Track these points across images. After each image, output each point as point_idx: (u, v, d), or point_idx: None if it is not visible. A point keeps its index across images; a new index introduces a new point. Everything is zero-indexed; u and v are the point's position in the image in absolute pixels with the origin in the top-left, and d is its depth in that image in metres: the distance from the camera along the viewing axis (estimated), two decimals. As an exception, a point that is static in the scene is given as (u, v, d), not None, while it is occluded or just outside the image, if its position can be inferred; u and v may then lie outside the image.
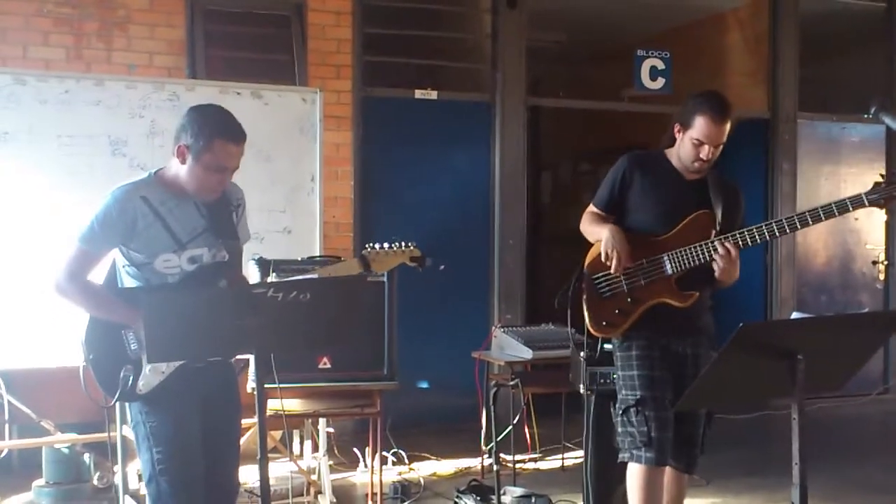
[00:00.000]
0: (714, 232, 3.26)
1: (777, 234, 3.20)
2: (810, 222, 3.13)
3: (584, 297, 3.46)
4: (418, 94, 6.50)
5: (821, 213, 3.09)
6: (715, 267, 3.22)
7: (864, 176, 7.84)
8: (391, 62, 6.54)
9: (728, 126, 3.29)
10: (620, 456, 3.41)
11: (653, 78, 7.07)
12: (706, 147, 3.27)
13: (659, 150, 3.47)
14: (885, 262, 7.84)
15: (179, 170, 2.92)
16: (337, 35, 6.18)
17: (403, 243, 3.36)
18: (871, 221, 7.91)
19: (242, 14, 6.05)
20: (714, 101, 3.30)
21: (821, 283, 7.83)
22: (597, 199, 3.53)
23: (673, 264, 3.29)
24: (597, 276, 3.44)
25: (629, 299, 3.36)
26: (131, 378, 2.85)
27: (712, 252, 3.22)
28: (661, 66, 7.09)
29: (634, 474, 3.37)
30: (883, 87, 7.80)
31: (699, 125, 3.26)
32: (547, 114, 8.59)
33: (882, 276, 7.86)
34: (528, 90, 6.87)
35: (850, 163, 7.86)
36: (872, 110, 2.94)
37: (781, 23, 7.51)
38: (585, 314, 3.46)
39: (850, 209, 3.06)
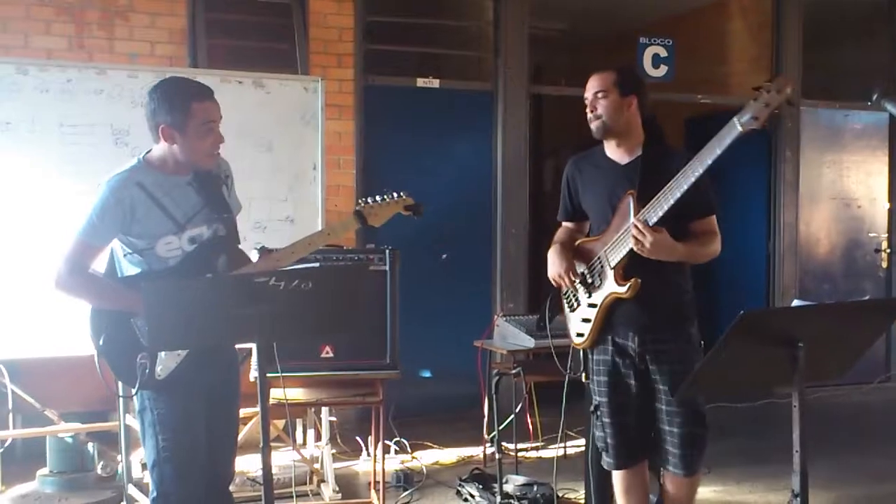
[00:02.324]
0: (638, 210, 3.08)
1: (677, 195, 2.94)
2: (700, 170, 2.91)
3: (564, 314, 3.47)
4: (420, 82, 6.49)
5: (705, 156, 2.89)
6: (636, 248, 3.04)
7: (868, 164, 7.85)
8: (393, 50, 6.53)
9: (600, 77, 3.23)
10: None
11: (655, 65, 7.05)
12: (588, 103, 3.26)
13: (598, 146, 3.39)
14: (888, 251, 7.83)
15: (171, 150, 2.91)
16: (338, 23, 6.17)
17: (396, 193, 3.29)
18: (875, 209, 7.90)
19: (244, 2, 6.03)
20: None
21: (824, 272, 7.82)
22: (558, 213, 3.54)
23: (611, 257, 3.19)
24: (565, 292, 3.44)
25: (588, 305, 3.31)
26: (148, 365, 2.85)
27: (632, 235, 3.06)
28: (663, 53, 7.07)
29: (613, 475, 3.42)
30: (886, 73, 7.78)
31: None
32: (549, 102, 8.59)
33: (885, 265, 7.86)
34: (530, 78, 6.86)
35: (852, 150, 7.83)
36: (875, 97, 2.91)
37: (784, 9, 7.49)
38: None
39: (728, 142, 2.85)
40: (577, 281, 3.31)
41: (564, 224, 3.54)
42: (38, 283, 4.07)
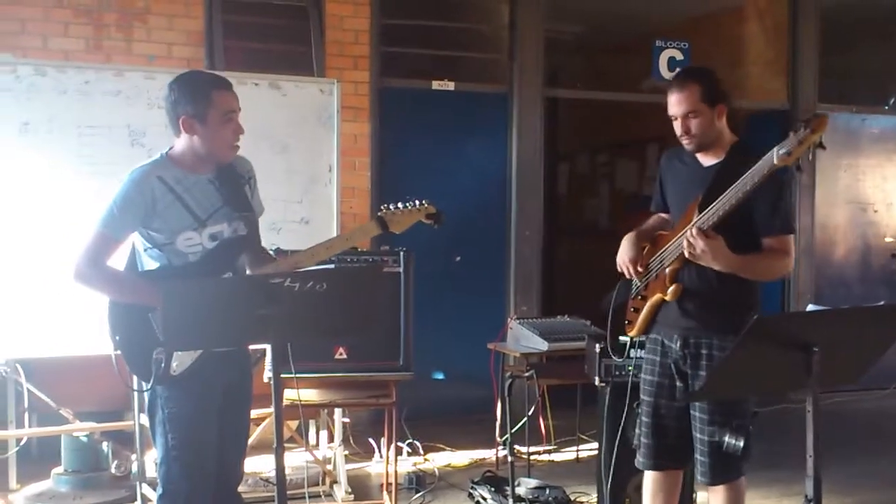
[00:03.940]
0: (695, 218, 3.06)
1: (726, 209, 2.93)
2: (746, 188, 2.89)
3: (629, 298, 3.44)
4: (435, 84, 6.50)
5: (748, 180, 2.89)
6: (687, 253, 3.02)
7: (884, 168, 7.81)
8: (409, 53, 6.54)
9: (685, 93, 3.12)
10: None
11: (671, 69, 7.04)
12: (677, 121, 3.17)
13: None
14: (905, 256, 7.79)
15: (191, 143, 2.94)
16: (355, 26, 6.19)
17: (418, 201, 3.32)
18: (891, 214, 7.86)
19: (260, 5, 6.06)
20: (675, 75, 3.27)
21: (839, 276, 7.78)
22: (651, 203, 3.52)
23: (667, 258, 3.18)
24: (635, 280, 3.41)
25: (640, 296, 3.32)
26: (164, 360, 2.86)
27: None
28: (679, 56, 7.06)
29: (645, 475, 3.41)
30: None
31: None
32: (564, 105, 8.58)
33: (901, 270, 7.81)
34: (545, 81, 6.86)
35: (869, 154, 7.79)
36: (892, 101, 2.88)
37: (801, 12, 7.46)
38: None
39: (765, 171, 2.84)
40: (642, 273, 3.29)
41: (653, 213, 3.50)
42: (54, 282, 4.12)
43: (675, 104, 3.16)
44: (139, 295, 2.89)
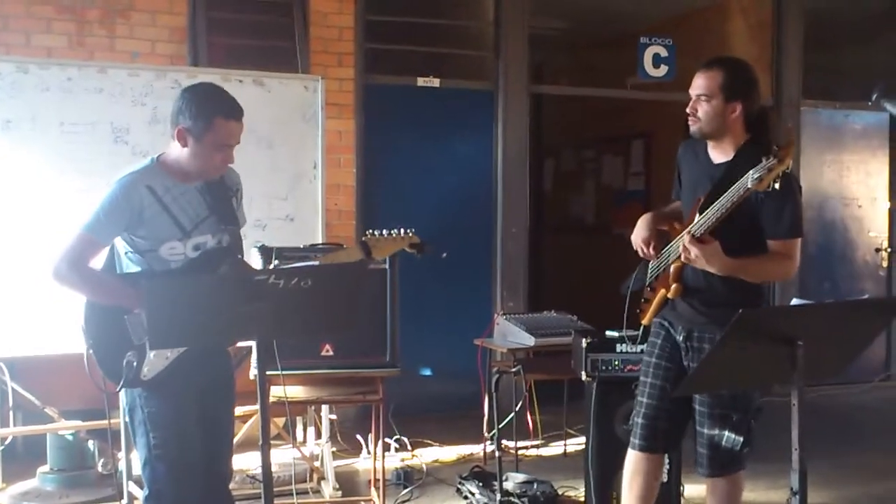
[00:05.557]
0: (696, 219, 3.06)
1: (719, 216, 2.94)
2: (725, 209, 2.92)
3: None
4: (421, 81, 6.49)
5: (731, 195, 2.90)
6: (682, 257, 3.04)
7: (868, 164, 7.85)
8: (394, 49, 6.53)
9: (708, 75, 3.12)
10: None
11: (656, 65, 7.05)
12: (692, 100, 3.16)
13: None
14: (889, 250, 7.83)
15: (181, 153, 2.93)
16: (339, 22, 6.17)
17: (403, 230, 3.39)
18: (875, 209, 7.91)
19: (244, 1, 6.03)
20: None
21: (823, 271, 7.82)
22: (673, 191, 3.51)
23: (672, 255, 3.19)
24: (651, 265, 3.40)
25: (649, 288, 3.34)
26: (135, 364, 2.85)
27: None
28: (664, 53, 7.07)
29: (628, 454, 3.40)
30: (887, 74, 7.78)
31: None
32: (550, 101, 8.60)
33: (885, 264, 7.86)
34: (530, 78, 6.86)
35: (853, 150, 7.84)
36: (874, 97, 2.90)
37: (785, 9, 7.48)
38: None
39: (742, 192, 2.86)
40: (654, 256, 3.28)
41: (678, 202, 3.49)
42: (39, 281, 4.09)
43: (695, 83, 3.16)
44: (117, 297, 2.88)
